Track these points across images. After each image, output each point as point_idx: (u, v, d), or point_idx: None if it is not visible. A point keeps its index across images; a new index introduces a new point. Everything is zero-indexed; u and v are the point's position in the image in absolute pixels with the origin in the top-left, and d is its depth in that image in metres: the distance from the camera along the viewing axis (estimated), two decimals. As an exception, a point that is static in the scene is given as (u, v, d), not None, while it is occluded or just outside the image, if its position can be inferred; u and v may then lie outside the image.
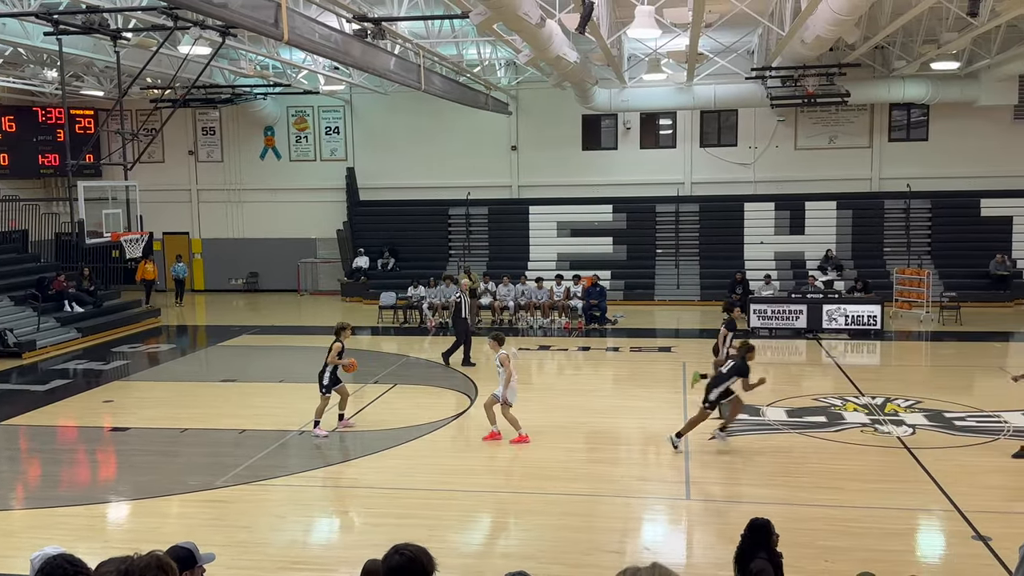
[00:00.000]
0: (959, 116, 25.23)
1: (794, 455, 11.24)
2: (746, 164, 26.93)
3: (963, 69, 22.16)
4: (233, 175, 29.90)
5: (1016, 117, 25.30)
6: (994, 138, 25.49)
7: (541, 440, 12.04)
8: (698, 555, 8.52)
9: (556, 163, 27.70)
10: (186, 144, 29.94)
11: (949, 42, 17.90)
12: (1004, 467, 10.63)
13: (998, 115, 25.21)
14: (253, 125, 29.32)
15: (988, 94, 23.65)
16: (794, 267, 25.41)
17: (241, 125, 29.48)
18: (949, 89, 23.59)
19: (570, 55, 16.28)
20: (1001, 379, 15.60)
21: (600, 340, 20.35)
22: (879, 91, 24.07)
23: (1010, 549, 7.97)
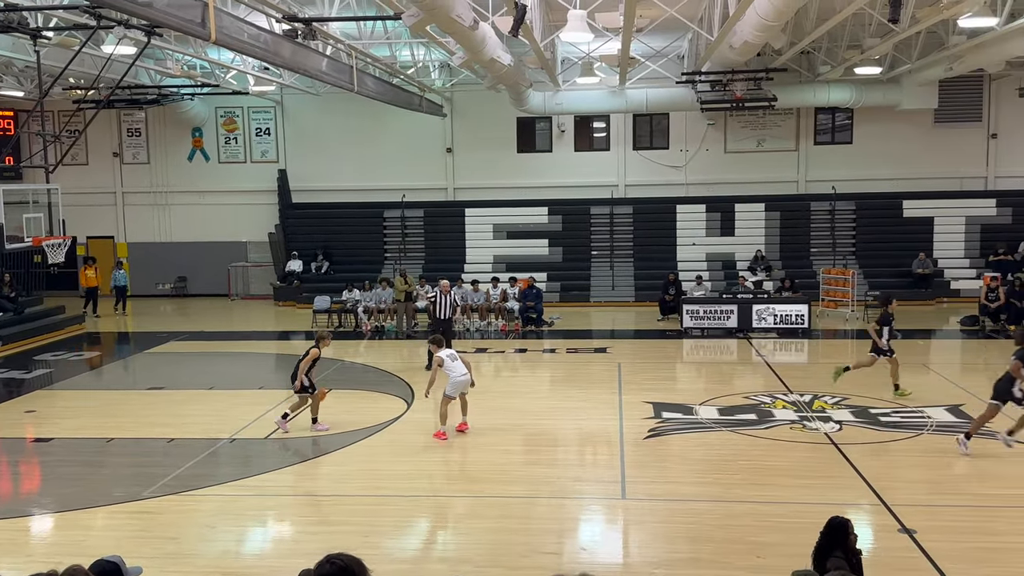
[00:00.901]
0: (882, 120, 26.02)
1: (726, 453, 11.41)
2: (678, 167, 27.34)
3: (885, 74, 22.84)
4: (160, 177, 29.19)
5: (937, 121, 26.20)
6: (915, 141, 26.36)
7: (478, 443, 12.02)
8: (634, 554, 8.58)
9: (491, 165, 27.73)
10: (110, 146, 29.13)
11: (872, 48, 18.43)
12: (928, 462, 10.98)
13: (919, 119, 26.07)
14: (180, 126, 28.68)
15: (909, 98, 24.43)
16: (725, 268, 25.89)
17: (168, 126, 28.81)
18: (872, 93, 24.29)
19: (504, 58, 16.30)
20: (923, 375, 16.14)
21: (537, 342, 20.41)
22: (805, 95, 24.67)
23: (935, 541, 8.25)
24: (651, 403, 13.89)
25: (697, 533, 8.74)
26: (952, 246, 25.78)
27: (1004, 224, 25.57)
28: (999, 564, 7.81)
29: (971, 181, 26.44)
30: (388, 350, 19.78)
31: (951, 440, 11.58)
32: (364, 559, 4.06)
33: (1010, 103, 25.97)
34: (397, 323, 21.47)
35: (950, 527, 8.72)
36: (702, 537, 8.62)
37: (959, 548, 8.14)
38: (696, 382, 16.65)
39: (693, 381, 16.82)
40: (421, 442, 12.13)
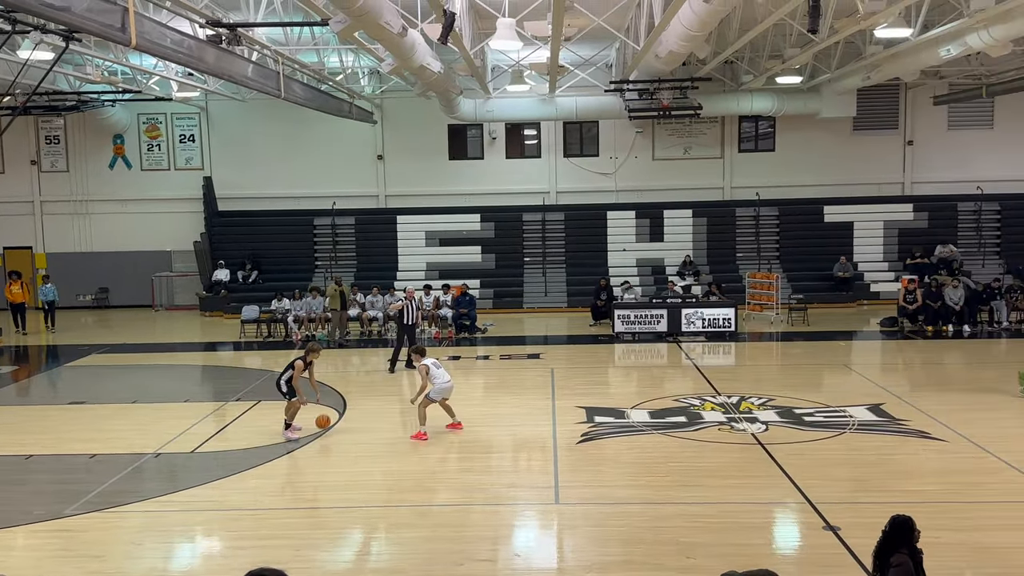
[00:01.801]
0: (803, 128, 26.78)
1: (657, 455, 11.57)
2: (608, 174, 27.68)
3: (806, 83, 23.52)
4: (80, 185, 28.34)
5: (855, 129, 27.08)
6: (835, 148, 27.19)
7: (411, 451, 11.96)
8: (568, 558, 8.63)
9: (423, 172, 27.67)
10: (28, 153, 28.19)
11: (792, 57, 18.96)
12: (851, 459, 11.30)
13: (839, 127, 26.92)
14: (101, 133, 27.91)
15: (829, 107, 25.20)
16: (655, 273, 26.28)
17: (88, 133, 28.00)
18: (793, 102, 24.99)
19: (434, 65, 16.30)
20: (845, 375, 16.63)
21: (470, 349, 20.40)
22: (729, 104, 25.25)
23: (858, 537, 8.49)
24: (584, 408, 14.01)
25: (629, 535, 8.84)
26: (871, 250, 26.65)
27: (920, 228, 26.55)
28: (917, 557, 8.07)
29: (889, 187, 27.40)
30: (319, 360, 19.45)
31: (873, 438, 11.98)
32: (296, 573, 4.01)
33: (925, 111, 27.01)
34: (330, 332, 21.23)
35: (872, 523, 8.91)
36: (634, 539, 8.72)
37: (880, 543, 8.39)
38: (628, 386, 16.85)
39: (625, 385, 17.01)
40: (353, 452, 12.01)
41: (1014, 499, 9.63)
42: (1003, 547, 8.30)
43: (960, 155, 27.07)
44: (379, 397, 15.70)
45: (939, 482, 10.26)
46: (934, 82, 25.84)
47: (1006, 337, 20.36)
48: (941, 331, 20.58)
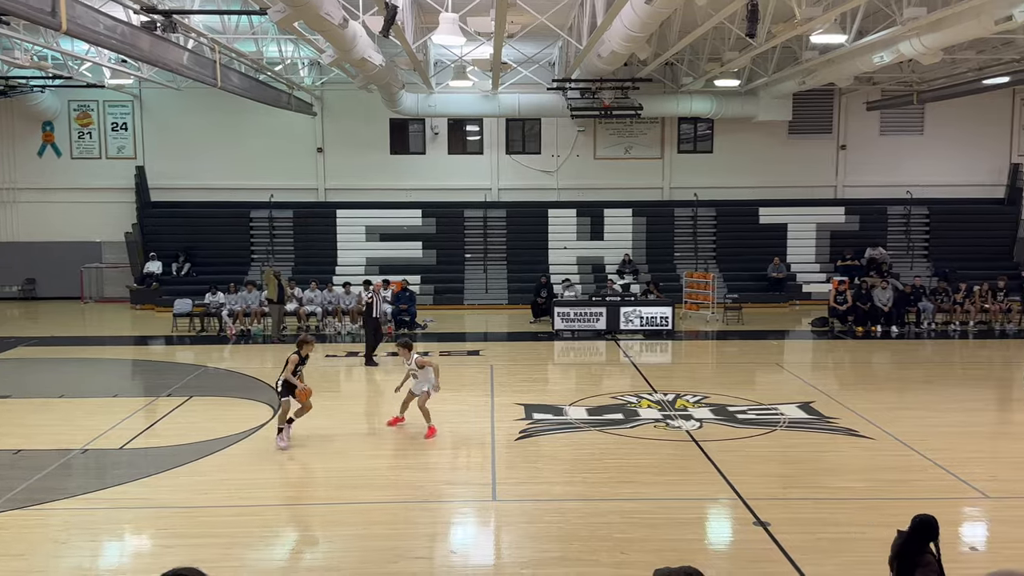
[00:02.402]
0: (740, 130, 27.25)
1: (594, 452, 11.66)
2: (549, 172, 27.79)
3: (743, 86, 23.93)
4: (6, 173, 27.40)
5: (791, 132, 27.64)
6: (771, 151, 27.73)
7: (347, 448, 11.84)
8: (505, 555, 8.64)
9: (364, 166, 27.42)
10: (-50, 138, 27.15)
11: (731, 61, 19.27)
12: (781, 456, 11.54)
13: (775, 130, 27.45)
14: (30, 120, 27.02)
15: (766, 110, 25.67)
16: (595, 271, 26.48)
17: (16, 119, 27.08)
18: (731, 105, 25.40)
19: (375, 58, 16.15)
20: (778, 374, 16.98)
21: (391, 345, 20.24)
22: (669, 105, 25.55)
23: (787, 533, 8.68)
24: (523, 405, 14.05)
25: (565, 532, 8.89)
26: (804, 251, 27.25)
27: (852, 231, 27.24)
28: (845, 553, 8.29)
29: (822, 190, 28.05)
30: (254, 355, 19.22)
31: (803, 436, 12.26)
32: (226, 572, 3.93)
33: (858, 116, 27.71)
34: (273, 327, 20.78)
35: (801, 519, 9.20)
36: (570, 536, 8.78)
37: (809, 539, 8.59)
38: (566, 383, 16.95)
39: (563, 382, 17.11)
40: (288, 449, 11.83)
41: (939, 496, 9.94)
42: (925, 541, 8.54)
43: (891, 160, 27.85)
44: (315, 393, 15.46)
45: (866, 479, 10.54)
46: (867, 88, 26.52)
47: (932, 338, 21.02)
48: (870, 331, 21.15)
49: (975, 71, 21.81)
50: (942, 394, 14.94)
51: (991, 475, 10.51)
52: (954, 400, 14.48)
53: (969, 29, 13.98)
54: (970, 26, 13.79)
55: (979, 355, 19.62)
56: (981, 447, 11.91)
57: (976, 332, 21.37)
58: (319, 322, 21.93)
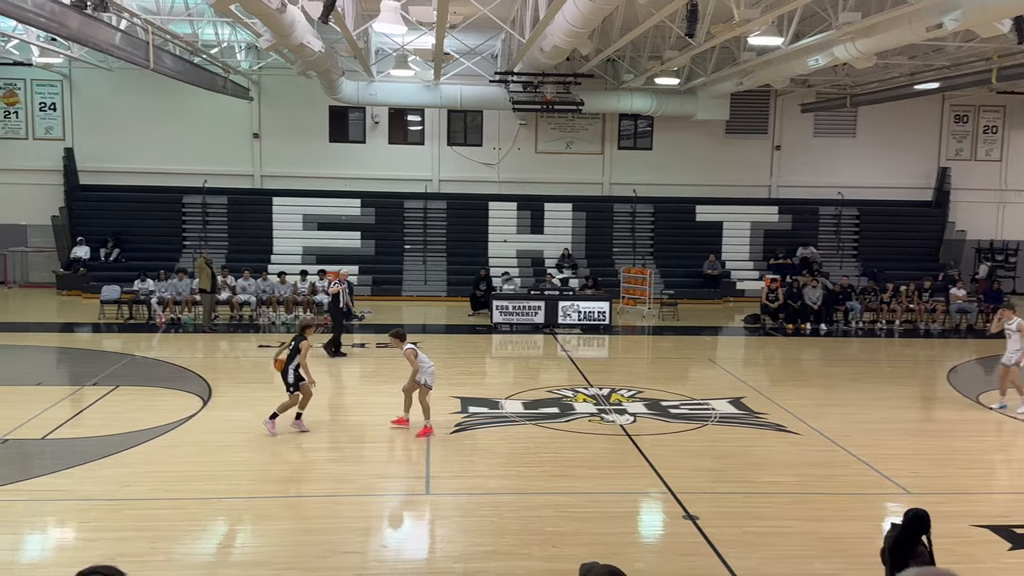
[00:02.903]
0: (679, 129, 27.56)
1: (529, 445, 11.70)
2: (491, 164, 27.75)
3: (683, 85, 24.19)
4: (-75, 151, 26.30)
5: (728, 132, 28.07)
6: (709, 150, 28.12)
7: (279, 441, 11.66)
8: (437, 549, 8.62)
9: (302, 154, 27.01)
10: None
11: (671, 59, 19.46)
12: (712, 450, 11.73)
13: (712, 129, 27.84)
14: (-50, 95, 25.96)
15: (704, 109, 26.00)
16: (534, 265, 26.55)
17: (-65, 94, 25.99)
18: (671, 103, 25.67)
19: (314, 44, 15.89)
20: (710, 369, 17.25)
21: (346, 336, 20.01)
22: (610, 102, 25.71)
23: (715, 526, 8.82)
24: (459, 398, 14.02)
25: (498, 526, 8.90)
26: (738, 249, 27.74)
27: (784, 230, 27.80)
28: (770, 547, 8.46)
29: (757, 189, 28.56)
30: (184, 344, 18.81)
31: (732, 431, 12.49)
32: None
33: (793, 118, 28.27)
34: (204, 316, 20.33)
35: (729, 513, 9.36)
36: (503, 529, 8.79)
37: (736, 533, 8.75)
38: (503, 377, 16.97)
39: (500, 376, 17.12)
40: (217, 441, 11.61)
41: (861, 491, 10.21)
42: (849, 537, 8.78)
43: (824, 161, 28.48)
44: (246, 384, 15.25)
45: (793, 474, 10.78)
46: (802, 90, 27.07)
47: (859, 336, 21.59)
48: (800, 329, 21.63)
49: (906, 76, 22.41)
50: (868, 391, 15.35)
51: (913, 471, 10.84)
52: (879, 397, 14.90)
53: (901, 35, 14.34)
54: (902, 32, 14.14)
55: (904, 354, 20.23)
56: (904, 444, 12.27)
57: (902, 331, 22.02)
58: (253, 311, 21.56)
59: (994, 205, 29.09)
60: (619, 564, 4.34)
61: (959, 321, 22.34)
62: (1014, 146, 28.97)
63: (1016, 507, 9.64)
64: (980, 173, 28.95)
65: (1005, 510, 9.51)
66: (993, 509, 9.54)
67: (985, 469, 11.58)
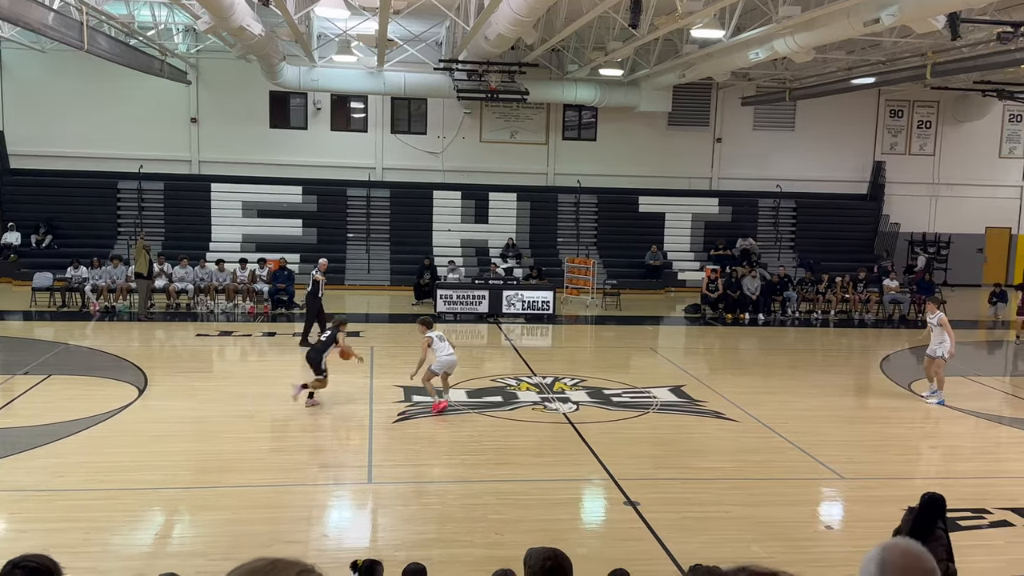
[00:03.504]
0: (623, 120, 27.76)
1: (473, 434, 11.71)
2: (435, 153, 27.61)
3: (626, 76, 24.36)
4: None
5: (670, 124, 28.36)
6: (652, 142, 28.39)
7: (220, 431, 11.49)
8: (379, 538, 8.58)
9: (241, 139, 26.52)
10: None
11: (615, 51, 19.58)
12: (653, 437, 11.89)
13: (655, 121, 28.10)
14: None
15: (647, 101, 26.24)
16: (479, 254, 26.53)
17: None
18: (614, 94, 25.83)
19: (254, 27, 15.61)
20: (652, 358, 17.46)
21: (287, 325, 19.83)
22: (554, 92, 25.77)
23: (655, 512, 8.95)
24: (402, 387, 13.95)
25: (441, 514, 8.89)
26: (680, 240, 28.09)
27: (725, 222, 28.23)
28: (708, 532, 8.61)
29: (698, 181, 28.93)
30: (119, 332, 18.38)
31: (673, 418, 12.67)
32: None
33: (733, 111, 28.69)
34: (140, 303, 19.86)
35: (669, 499, 9.50)
36: (446, 517, 8.79)
37: (675, 518, 8.89)
38: (446, 366, 16.91)
39: (443, 365, 17.06)
40: (154, 431, 11.38)
41: (796, 476, 10.45)
42: (784, 521, 8.99)
43: (763, 154, 28.97)
44: (183, 374, 14.96)
45: (731, 460, 10.98)
46: (743, 84, 27.48)
47: (796, 326, 22.06)
48: (739, 319, 22.02)
49: (844, 71, 22.90)
50: (804, 379, 15.71)
51: (847, 457, 11.13)
52: (814, 385, 15.25)
53: (839, 29, 14.64)
54: (840, 27, 14.44)
55: (839, 343, 20.73)
56: (838, 430, 12.58)
57: (837, 321, 22.56)
58: (191, 300, 21.15)
59: (927, 199, 29.94)
60: (562, 550, 4.38)
61: (892, 311, 22.97)
62: (947, 141, 29.84)
63: (947, 491, 9.92)
64: (914, 167, 29.75)
65: (934, 493, 9.80)
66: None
67: (917, 455, 11.95)
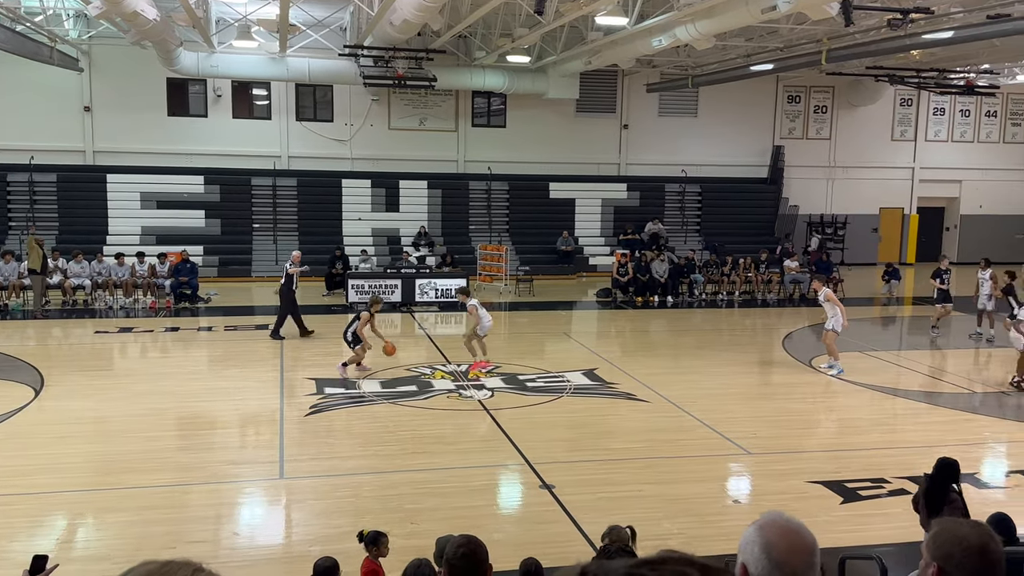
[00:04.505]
0: (532, 107, 27.85)
1: (388, 424, 11.61)
2: (343, 140, 27.17)
3: (534, 63, 24.44)
4: None
5: (578, 110, 28.58)
6: (561, 128, 28.56)
7: (122, 430, 11.09)
8: (293, 533, 8.45)
9: (138, 128, 25.55)
10: None
11: (522, 37, 19.60)
12: (567, 421, 12.01)
13: (563, 107, 28.28)
14: None
15: (555, 88, 26.37)
16: (390, 243, 26.27)
17: None
18: (523, 81, 25.87)
19: (149, 12, 15.04)
20: (565, 343, 17.63)
21: (191, 320, 19.27)
22: (463, 78, 25.66)
23: (570, 494, 9.05)
24: (314, 379, 13.74)
25: (356, 506, 8.80)
26: (590, 226, 28.40)
27: (633, 207, 28.66)
28: (623, 511, 8.73)
29: (606, 167, 29.27)
30: (13, 331, 17.54)
31: (586, 401, 12.84)
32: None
33: (639, 97, 29.09)
34: (35, 300, 18.93)
35: (583, 480, 9.62)
36: (361, 509, 8.70)
37: (590, 499, 9.01)
38: (359, 356, 16.72)
39: (356, 355, 16.86)
40: (51, 433, 10.92)
41: (705, 453, 10.71)
42: (694, 497, 9.21)
43: (668, 140, 29.50)
44: (82, 372, 14.38)
45: (643, 440, 11.18)
46: (648, 71, 27.89)
47: (703, 307, 22.60)
48: (648, 301, 22.43)
49: (743, 58, 23.48)
50: (711, 359, 16.11)
51: (752, 432, 11.46)
52: (721, 364, 15.66)
53: (738, 17, 14.98)
54: (739, 14, 14.78)
55: (743, 322, 21.34)
56: (744, 407, 12.95)
57: (741, 301, 23.20)
58: (88, 296, 20.33)
59: (824, 181, 31.01)
60: (478, 536, 4.37)
61: (793, 291, 23.74)
62: (842, 125, 30.94)
63: (846, 463, 10.37)
64: (811, 151, 30.76)
65: (837, 466, 10.21)
66: (826, 466, 10.21)
67: (818, 428, 12.40)
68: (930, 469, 6.43)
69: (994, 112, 31.98)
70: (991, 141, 32.23)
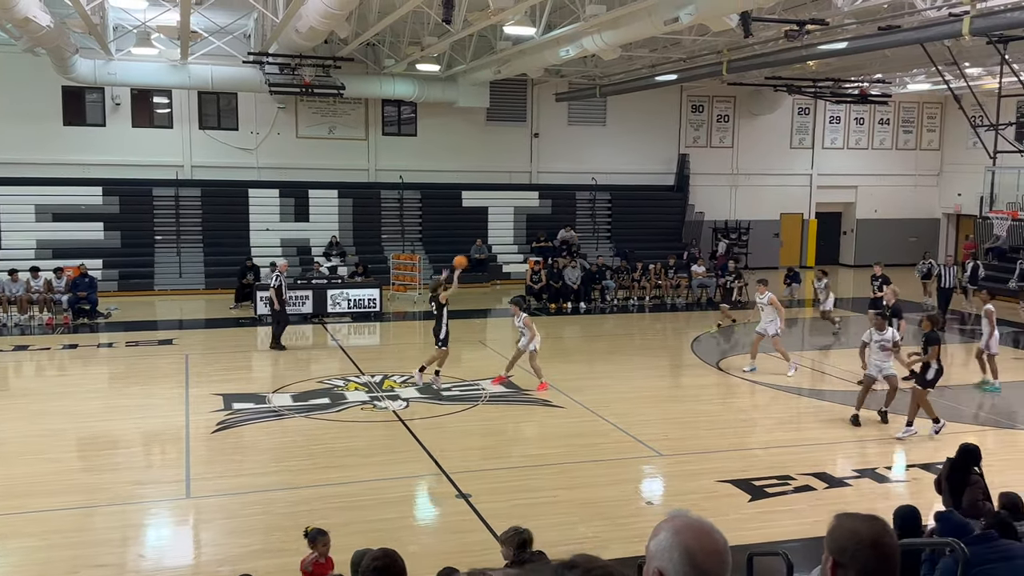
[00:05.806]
0: (443, 115, 27.81)
1: (299, 439, 11.41)
2: (249, 149, 26.60)
3: (444, 72, 24.42)
4: None
5: (489, 119, 28.67)
6: (471, 137, 28.61)
7: (20, 452, 10.60)
8: (204, 554, 8.22)
9: (31, 138, 24.46)
10: None
11: (430, 46, 19.56)
12: (483, 429, 12.02)
13: (474, 116, 28.34)
14: None
15: (465, 97, 26.38)
16: (300, 253, 25.83)
17: None
18: (433, 89, 25.81)
19: (42, 18, 14.46)
20: (481, 351, 17.64)
21: (91, 336, 18.57)
22: (372, 87, 25.43)
23: (486, 502, 9.06)
24: (221, 395, 13.39)
25: (266, 523, 8.62)
26: (503, 233, 28.50)
27: (545, 214, 28.89)
28: (539, 517, 8.76)
29: (518, 175, 29.44)
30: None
31: (502, 409, 12.87)
32: None
33: (548, 106, 29.39)
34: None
35: (499, 488, 9.64)
36: (271, 527, 8.52)
37: (506, 507, 9.03)
38: (270, 370, 16.35)
39: (267, 369, 16.49)
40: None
41: (619, 457, 10.87)
42: (608, 500, 9.34)
43: (578, 148, 29.85)
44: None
45: (558, 445, 11.28)
46: (556, 80, 28.19)
47: (615, 313, 22.93)
48: (562, 308, 22.63)
49: (649, 68, 23.96)
50: (623, 363, 16.36)
51: (663, 434, 11.69)
52: (633, 368, 15.92)
53: (642, 28, 15.29)
54: (643, 25, 15.08)
55: (654, 327, 21.75)
56: (655, 410, 13.19)
57: (651, 306, 23.63)
58: (-20, 313, 19.36)
59: (727, 188, 31.88)
60: (394, 548, 4.33)
61: (700, 295, 24.30)
62: (744, 134, 31.87)
63: (753, 462, 10.67)
64: (715, 159, 31.59)
65: (744, 465, 10.49)
66: (734, 465, 10.49)
67: (726, 428, 12.70)
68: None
69: (887, 120, 33.45)
70: (884, 148, 33.69)
